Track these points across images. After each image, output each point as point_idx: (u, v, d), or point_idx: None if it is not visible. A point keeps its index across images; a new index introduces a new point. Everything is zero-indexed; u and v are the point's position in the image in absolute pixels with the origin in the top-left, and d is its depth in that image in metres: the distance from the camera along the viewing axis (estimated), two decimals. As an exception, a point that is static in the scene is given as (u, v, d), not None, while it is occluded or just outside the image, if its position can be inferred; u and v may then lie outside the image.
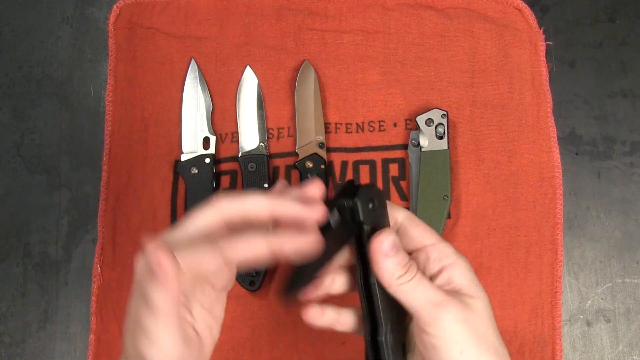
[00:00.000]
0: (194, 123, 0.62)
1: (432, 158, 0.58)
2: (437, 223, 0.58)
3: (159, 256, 0.32)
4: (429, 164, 0.58)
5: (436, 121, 0.59)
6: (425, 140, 0.58)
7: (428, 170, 0.58)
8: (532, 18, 0.64)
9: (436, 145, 0.59)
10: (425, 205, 0.58)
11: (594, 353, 0.59)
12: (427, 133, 0.59)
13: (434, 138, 0.59)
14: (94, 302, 0.59)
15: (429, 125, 0.58)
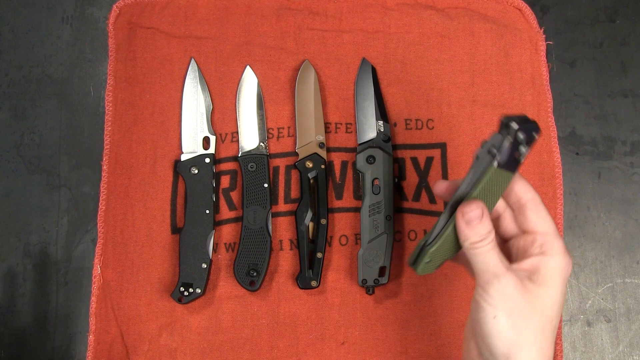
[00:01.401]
0: (194, 123, 0.62)
1: (499, 180, 0.40)
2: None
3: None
4: (494, 185, 0.40)
5: (529, 137, 0.39)
6: (523, 154, 0.39)
7: (489, 190, 0.41)
8: (532, 18, 0.64)
9: (510, 166, 0.40)
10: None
11: (595, 353, 0.59)
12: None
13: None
14: (93, 302, 0.59)
15: (520, 140, 0.38)
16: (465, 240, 0.39)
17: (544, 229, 0.40)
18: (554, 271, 0.39)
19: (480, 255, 0.39)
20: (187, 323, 0.59)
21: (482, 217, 0.39)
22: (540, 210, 0.40)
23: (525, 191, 0.41)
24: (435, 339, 0.59)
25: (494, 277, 0.38)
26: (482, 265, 0.39)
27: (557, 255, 0.39)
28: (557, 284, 0.39)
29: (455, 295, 0.59)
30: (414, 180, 0.62)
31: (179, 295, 0.58)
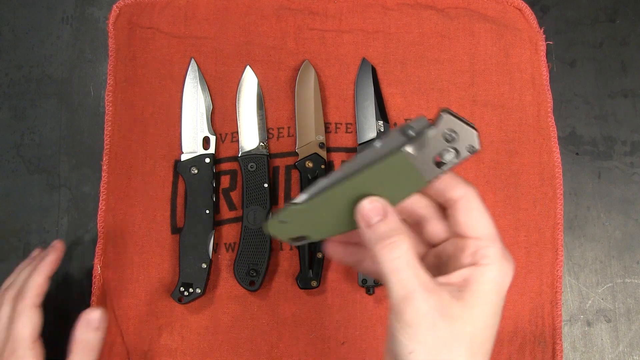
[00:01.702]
0: (194, 123, 0.62)
1: (406, 175, 0.32)
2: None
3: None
4: (398, 178, 0.33)
5: (462, 147, 0.32)
6: (447, 163, 0.32)
7: (390, 180, 0.33)
8: (532, 18, 0.64)
9: (425, 167, 0.32)
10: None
11: (595, 353, 0.59)
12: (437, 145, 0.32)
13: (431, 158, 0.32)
14: (94, 302, 0.59)
15: (450, 140, 0.31)
16: (371, 247, 0.31)
17: (477, 233, 0.32)
18: (487, 285, 0.31)
19: (391, 274, 0.30)
20: (187, 323, 0.59)
21: (385, 214, 0.32)
22: (474, 210, 0.33)
23: (453, 187, 0.33)
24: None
25: (409, 297, 0.30)
26: (393, 282, 0.30)
27: (492, 265, 0.31)
28: (491, 301, 0.32)
29: (455, 295, 0.59)
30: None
31: (179, 295, 0.58)
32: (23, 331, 0.48)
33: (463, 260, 0.32)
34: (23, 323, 0.48)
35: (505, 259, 0.32)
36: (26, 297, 0.49)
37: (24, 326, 0.48)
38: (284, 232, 0.34)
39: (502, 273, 0.32)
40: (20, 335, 0.48)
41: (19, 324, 0.48)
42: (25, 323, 0.48)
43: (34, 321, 0.48)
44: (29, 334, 0.48)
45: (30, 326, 0.48)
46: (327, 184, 0.32)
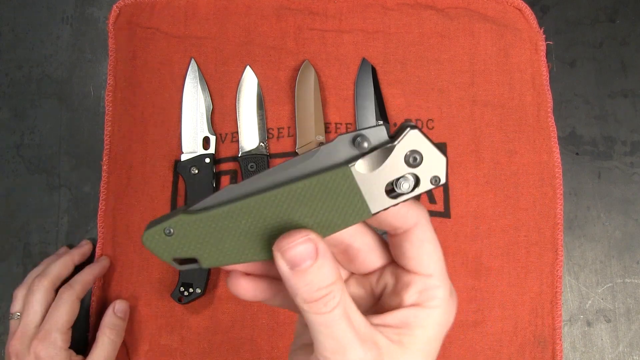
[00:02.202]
0: (194, 123, 0.62)
1: (349, 197, 0.26)
2: None
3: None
4: (338, 199, 0.26)
5: (425, 175, 0.26)
6: (403, 193, 0.26)
7: (328, 201, 0.26)
8: (532, 18, 0.64)
9: (374, 193, 0.26)
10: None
11: (595, 353, 0.59)
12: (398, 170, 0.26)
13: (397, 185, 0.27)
14: (94, 302, 0.59)
15: (413, 163, 0.26)
16: (295, 297, 0.25)
17: (428, 270, 0.27)
18: (432, 330, 0.28)
19: (322, 326, 0.25)
20: (187, 323, 0.59)
21: (317, 256, 0.25)
22: (426, 243, 0.27)
23: (403, 216, 0.27)
24: None
25: (341, 351, 0.25)
26: (323, 334, 0.25)
27: (438, 309, 0.27)
28: (435, 345, 0.28)
29: (455, 295, 0.59)
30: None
31: (179, 295, 0.58)
32: (64, 317, 0.53)
33: (406, 298, 0.28)
34: (66, 309, 0.53)
35: (452, 299, 0.28)
36: (75, 289, 0.54)
37: (66, 313, 0.53)
38: (167, 249, 0.26)
39: (447, 316, 0.28)
40: (59, 320, 0.52)
41: (61, 310, 0.53)
42: (67, 310, 0.53)
43: (74, 311, 0.54)
44: (67, 321, 0.53)
45: (70, 314, 0.53)
46: (242, 192, 0.25)
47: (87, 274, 0.57)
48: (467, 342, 0.59)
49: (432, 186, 0.26)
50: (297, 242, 0.25)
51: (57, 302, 0.53)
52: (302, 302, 0.25)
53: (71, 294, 0.54)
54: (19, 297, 0.55)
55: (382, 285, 0.30)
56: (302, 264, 0.25)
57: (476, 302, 0.59)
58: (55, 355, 0.51)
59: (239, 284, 0.28)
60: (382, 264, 0.30)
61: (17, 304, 0.55)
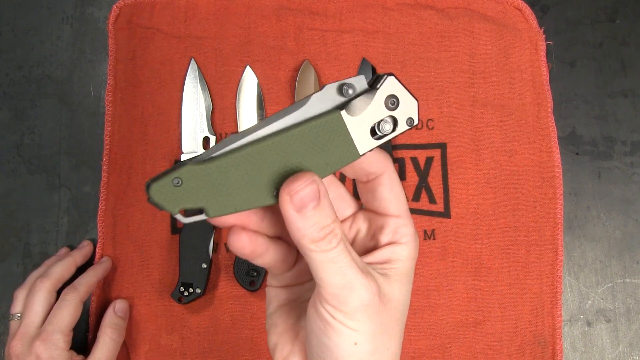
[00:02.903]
0: (194, 123, 0.62)
1: (338, 141, 0.28)
2: None
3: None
4: (330, 143, 0.28)
5: (402, 118, 0.29)
6: (384, 132, 0.29)
7: (321, 145, 0.28)
8: (532, 18, 0.64)
9: (361, 135, 0.28)
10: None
11: (595, 353, 0.59)
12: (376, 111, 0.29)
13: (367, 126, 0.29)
14: (93, 302, 0.59)
15: (391, 107, 0.28)
16: (301, 238, 0.27)
17: (396, 211, 0.31)
18: (408, 263, 0.31)
19: (330, 262, 0.27)
20: (187, 323, 0.59)
21: (319, 197, 0.27)
22: (395, 187, 0.31)
23: (377, 162, 0.30)
24: (435, 339, 0.59)
25: (350, 286, 0.28)
26: (331, 271, 0.27)
27: (410, 243, 0.31)
28: (410, 275, 0.31)
29: (455, 295, 0.60)
30: (413, 181, 0.62)
31: (179, 295, 0.58)
32: (66, 319, 0.53)
33: (382, 238, 0.31)
34: (69, 311, 0.53)
35: (415, 235, 0.32)
36: (79, 291, 0.55)
37: (69, 314, 0.53)
38: (175, 200, 0.26)
39: (415, 249, 0.32)
40: (62, 321, 0.52)
41: (65, 311, 0.53)
42: (70, 312, 0.53)
43: (77, 313, 0.54)
44: (69, 322, 0.53)
45: (73, 316, 0.53)
46: (243, 141, 0.27)
47: (90, 277, 0.57)
48: (467, 342, 0.59)
49: (408, 127, 0.29)
50: (304, 184, 0.26)
51: (61, 304, 0.53)
52: (309, 243, 0.27)
53: (75, 296, 0.54)
54: (20, 298, 0.55)
55: (354, 231, 0.33)
56: (308, 205, 0.26)
57: (476, 302, 0.59)
58: (57, 356, 0.51)
59: (240, 238, 0.29)
60: (352, 212, 0.33)
61: (17, 305, 0.55)
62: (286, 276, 0.33)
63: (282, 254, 0.31)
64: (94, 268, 0.58)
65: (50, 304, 0.54)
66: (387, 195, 0.31)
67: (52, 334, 0.52)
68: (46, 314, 0.53)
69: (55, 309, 0.53)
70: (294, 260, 0.33)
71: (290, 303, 0.33)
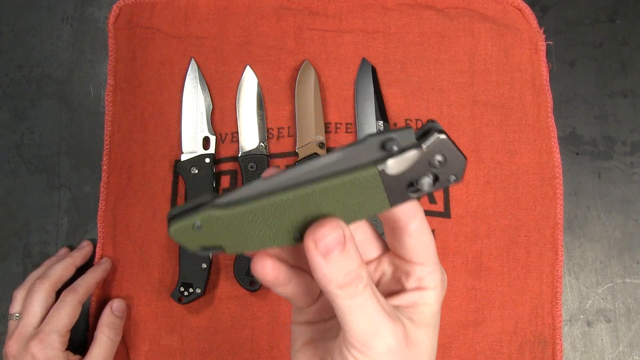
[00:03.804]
0: (194, 123, 0.62)
1: (370, 195, 0.27)
2: None
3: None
4: (362, 196, 0.27)
5: (445, 175, 0.27)
6: (422, 188, 0.27)
7: (353, 197, 0.27)
8: (532, 18, 0.64)
9: (396, 189, 0.27)
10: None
11: (595, 353, 0.59)
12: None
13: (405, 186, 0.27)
14: (93, 302, 0.59)
15: (437, 166, 0.27)
16: (327, 284, 0.27)
17: (424, 260, 0.30)
18: (434, 307, 0.31)
19: (355, 308, 0.27)
20: (187, 323, 0.59)
21: (345, 242, 0.26)
22: (423, 237, 0.30)
23: (405, 209, 0.29)
24: None
25: (377, 332, 0.27)
26: (358, 317, 0.27)
27: (437, 289, 0.31)
28: (437, 319, 0.31)
29: (455, 295, 0.60)
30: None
31: (179, 295, 0.58)
32: (64, 320, 0.53)
33: (408, 284, 0.31)
34: (67, 312, 0.53)
35: (443, 278, 0.31)
36: (79, 292, 0.55)
37: (67, 315, 0.53)
38: (194, 240, 0.27)
39: (443, 292, 0.31)
40: (60, 322, 0.52)
41: (63, 312, 0.53)
42: (69, 313, 0.53)
43: (75, 315, 0.54)
44: (67, 324, 0.53)
45: (71, 317, 0.53)
46: (270, 187, 0.26)
47: (90, 278, 0.57)
48: (467, 342, 0.59)
49: (449, 183, 0.27)
50: (329, 230, 0.26)
51: (60, 305, 0.53)
52: (335, 289, 0.26)
53: (74, 297, 0.54)
54: (19, 298, 0.55)
55: (379, 273, 0.32)
56: (334, 251, 0.26)
57: (476, 302, 0.59)
58: (52, 356, 0.51)
59: (264, 265, 0.29)
60: (378, 254, 0.32)
61: (16, 305, 0.55)
62: (309, 311, 0.33)
63: (305, 286, 0.31)
64: (94, 270, 0.58)
65: (49, 304, 0.54)
66: (414, 244, 0.30)
67: (49, 334, 0.51)
68: (44, 314, 0.53)
69: (54, 310, 0.53)
70: (317, 294, 0.33)
71: (315, 342, 0.32)
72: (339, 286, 0.26)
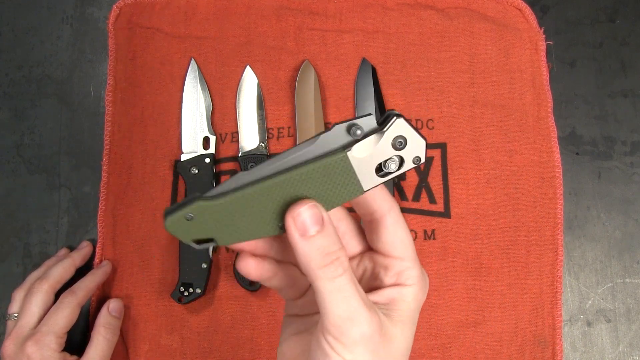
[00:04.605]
0: (194, 123, 0.62)
1: (343, 179, 0.29)
2: None
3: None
4: (335, 181, 0.29)
5: (408, 157, 0.30)
6: (390, 170, 0.30)
7: (327, 183, 0.29)
8: (532, 18, 0.64)
9: (366, 173, 0.29)
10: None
11: (595, 353, 0.59)
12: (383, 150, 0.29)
13: (373, 166, 0.29)
14: (93, 303, 0.59)
15: (399, 147, 0.29)
16: (308, 263, 0.28)
17: (401, 254, 0.31)
18: (412, 304, 0.31)
19: (334, 291, 0.28)
20: (187, 323, 0.59)
21: (323, 222, 0.28)
22: (399, 230, 0.31)
23: (381, 202, 0.31)
24: (435, 339, 0.59)
25: (353, 318, 0.28)
26: (336, 300, 0.28)
27: (414, 285, 0.31)
28: (414, 318, 0.31)
29: (455, 295, 0.59)
30: (413, 180, 0.62)
31: (179, 295, 0.58)
32: (62, 321, 0.53)
33: (386, 279, 0.31)
34: (65, 314, 0.53)
35: (423, 277, 0.32)
36: (77, 295, 0.55)
37: (65, 317, 0.53)
38: (187, 232, 0.29)
39: (421, 291, 0.32)
40: (57, 323, 0.52)
41: (61, 314, 0.53)
42: (66, 314, 0.53)
43: (73, 317, 0.54)
44: (64, 325, 0.53)
45: (69, 319, 0.53)
46: (251, 178, 0.28)
47: (90, 281, 0.57)
48: (467, 342, 0.59)
49: (414, 165, 0.30)
50: (306, 207, 0.28)
51: (58, 306, 0.53)
52: (315, 268, 0.28)
53: (73, 299, 0.54)
54: (18, 298, 0.55)
55: (361, 270, 0.33)
56: (312, 228, 0.27)
57: (476, 302, 0.59)
58: (48, 357, 0.51)
59: (248, 263, 0.31)
60: (361, 250, 0.33)
61: (15, 305, 0.55)
62: (297, 304, 0.34)
63: (291, 279, 0.33)
64: (94, 272, 0.58)
65: (48, 305, 0.54)
66: (390, 237, 0.31)
67: (45, 335, 0.51)
68: (42, 315, 0.53)
69: (52, 311, 0.53)
70: (305, 287, 0.34)
71: (301, 333, 0.33)
72: (318, 267, 0.28)
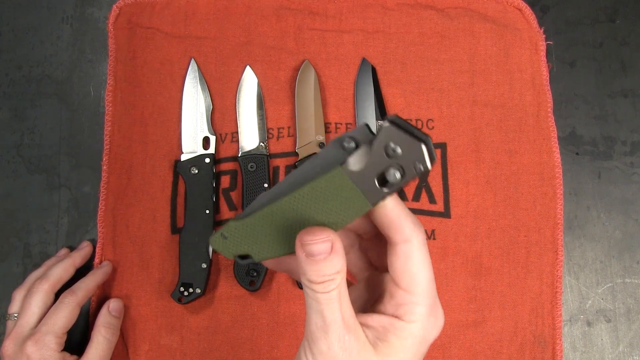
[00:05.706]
0: (194, 123, 0.62)
1: (346, 194, 0.28)
2: None
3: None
4: (337, 197, 0.28)
5: (408, 164, 0.27)
6: (395, 182, 0.27)
7: (327, 200, 0.28)
8: (532, 18, 0.64)
9: (368, 187, 0.28)
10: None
11: (595, 353, 0.59)
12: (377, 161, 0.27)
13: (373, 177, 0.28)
14: (93, 303, 0.59)
15: (392, 155, 0.27)
16: (302, 275, 0.29)
17: (409, 287, 0.29)
18: (407, 341, 0.29)
19: (315, 301, 0.29)
20: (187, 323, 0.59)
21: (331, 251, 0.28)
22: (414, 261, 0.29)
23: (399, 227, 0.29)
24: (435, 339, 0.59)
25: (326, 330, 0.28)
26: (315, 310, 0.29)
27: (415, 323, 0.29)
28: (410, 354, 0.29)
29: (455, 295, 0.60)
30: (414, 181, 0.62)
31: (179, 295, 0.58)
32: (61, 321, 0.52)
33: (386, 306, 0.30)
34: (64, 314, 0.53)
35: (432, 316, 0.30)
36: (78, 295, 0.54)
37: (64, 317, 0.53)
38: (227, 249, 0.31)
39: (424, 332, 0.30)
40: (56, 323, 0.52)
41: (60, 314, 0.53)
42: (66, 315, 0.53)
43: (73, 317, 0.54)
44: (64, 325, 0.53)
45: (68, 319, 0.53)
46: (266, 199, 0.29)
47: (90, 281, 0.56)
48: (467, 342, 0.59)
49: (416, 173, 0.27)
50: (318, 240, 0.28)
51: (58, 306, 0.53)
52: (306, 281, 0.29)
53: (73, 299, 0.54)
54: (18, 298, 0.55)
55: (364, 284, 0.33)
56: (317, 256, 0.28)
57: (476, 302, 0.59)
58: (48, 357, 0.51)
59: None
60: (363, 269, 0.34)
61: (15, 305, 0.55)
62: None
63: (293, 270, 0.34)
64: (94, 273, 0.58)
65: (47, 305, 0.54)
66: (399, 266, 0.29)
67: (45, 335, 0.51)
68: (42, 315, 0.53)
69: (52, 311, 0.53)
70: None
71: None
72: (310, 282, 0.29)
